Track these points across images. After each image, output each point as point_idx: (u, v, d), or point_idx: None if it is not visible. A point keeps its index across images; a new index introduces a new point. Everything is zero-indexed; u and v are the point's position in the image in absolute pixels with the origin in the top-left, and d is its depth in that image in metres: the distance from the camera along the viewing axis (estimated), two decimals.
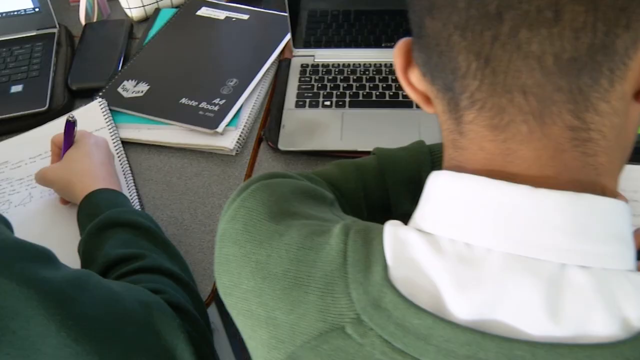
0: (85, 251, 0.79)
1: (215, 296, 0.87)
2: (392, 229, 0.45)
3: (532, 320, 0.39)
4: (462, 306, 0.40)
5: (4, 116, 1.08)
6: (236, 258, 0.50)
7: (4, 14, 1.22)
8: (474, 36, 0.39)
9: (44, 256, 0.61)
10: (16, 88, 1.13)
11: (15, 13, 1.22)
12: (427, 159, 0.82)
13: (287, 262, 0.47)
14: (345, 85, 1.07)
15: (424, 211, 0.46)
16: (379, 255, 0.44)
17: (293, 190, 0.55)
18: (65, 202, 0.95)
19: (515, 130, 0.41)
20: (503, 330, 0.39)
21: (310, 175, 0.80)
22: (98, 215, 0.81)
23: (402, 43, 0.49)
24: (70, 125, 0.91)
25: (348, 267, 0.44)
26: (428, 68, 0.45)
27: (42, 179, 0.93)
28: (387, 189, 0.82)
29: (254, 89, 1.08)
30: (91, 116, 1.07)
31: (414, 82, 0.50)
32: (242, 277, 0.49)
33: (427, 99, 0.49)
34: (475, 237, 0.42)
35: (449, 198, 0.44)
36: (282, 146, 0.99)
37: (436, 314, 0.40)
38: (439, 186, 0.45)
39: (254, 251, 0.49)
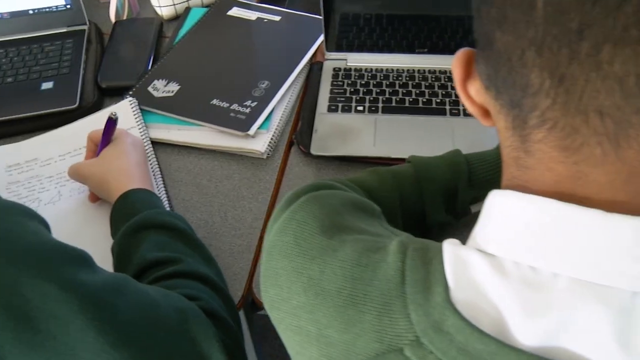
0: (120, 252, 0.79)
1: (244, 302, 0.86)
2: (452, 249, 0.44)
3: (602, 350, 0.38)
4: (527, 332, 0.39)
5: (34, 113, 1.08)
6: (286, 272, 0.49)
7: (35, 11, 1.22)
8: (551, 54, 0.38)
9: (82, 259, 0.60)
10: (47, 85, 1.12)
11: (47, 10, 1.22)
12: (463, 170, 0.81)
13: (342, 279, 0.46)
14: (378, 90, 1.06)
15: (485, 231, 0.45)
16: (439, 276, 0.42)
17: (343, 202, 0.54)
18: (95, 198, 0.94)
19: (588, 153, 0.39)
20: (570, 359, 0.38)
21: (346, 182, 0.79)
22: (133, 215, 0.81)
23: (462, 53, 0.48)
24: (111, 123, 0.91)
25: (406, 287, 0.43)
26: (493, 82, 0.44)
27: (76, 173, 0.93)
28: (423, 198, 0.81)
29: (285, 92, 1.07)
30: (121, 115, 1.05)
31: (472, 95, 0.48)
32: (292, 292, 0.48)
33: (486, 113, 0.48)
34: (542, 261, 0.40)
35: (514, 219, 0.42)
36: (314, 151, 0.98)
37: (500, 339, 0.39)
38: (503, 206, 0.44)
39: (305, 266, 0.48)
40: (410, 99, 1.04)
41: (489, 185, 0.82)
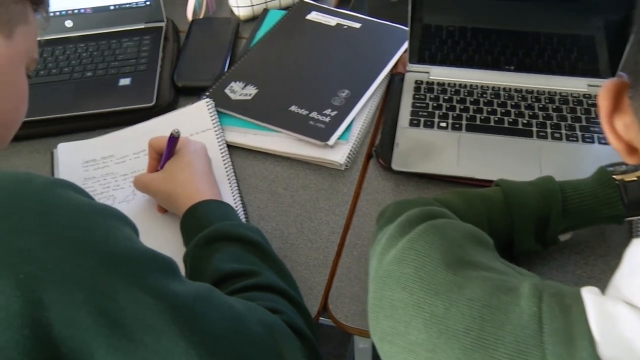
0: (193, 263, 0.77)
1: (319, 317, 0.84)
2: (594, 299, 0.41)
3: None
4: None
5: (111, 109, 1.07)
6: (405, 305, 0.47)
7: (117, 6, 1.21)
8: None
9: (171, 267, 0.58)
10: (124, 81, 1.12)
11: (127, 5, 1.22)
12: (557, 198, 0.78)
13: (470, 319, 0.43)
14: (461, 107, 1.02)
15: (633, 284, 0.41)
16: (583, 328, 0.39)
17: (463, 234, 0.51)
18: (163, 210, 0.93)
19: None
20: None
21: (433, 203, 0.77)
22: (204, 226, 0.79)
23: (612, 84, 0.45)
24: (174, 140, 0.89)
25: (545, 337, 0.40)
26: None
27: (144, 188, 0.92)
28: (512, 225, 0.77)
29: (366, 102, 1.04)
30: (197, 116, 1.05)
31: (619, 129, 0.45)
32: (410, 327, 0.46)
33: (633, 150, 0.45)
34: None
35: None
36: (395, 166, 0.95)
37: None
38: None
39: (428, 301, 0.45)
40: (495, 118, 1.00)
41: (582, 215, 0.78)
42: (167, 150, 0.90)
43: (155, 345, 0.52)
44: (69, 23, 1.22)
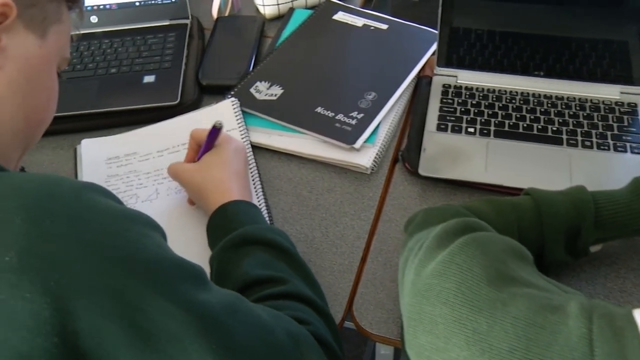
0: (219, 266, 0.76)
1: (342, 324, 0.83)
2: None
3: None
4: None
5: (136, 106, 1.07)
6: (445, 321, 0.45)
7: (142, 2, 1.21)
8: None
9: (200, 276, 0.57)
10: (149, 78, 1.11)
11: (152, 2, 1.21)
12: (590, 209, 0.76)
13: (514, 338, 0.42)
14: (490, 112, 1.01)
15: None
16: (637, 352, 0.38)
17: (504, 248, 0.50)
18: (192, 202, 0.92)
19: None
20: None
21: (463, 211, 0.75)
22: (232, 228, 0.78)
23: None
24: (216, 132, 0.88)
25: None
26: None
27: (176, 176, 0.91)
28: (543, 235, 0.76)
29: (393, 105, 1.03)
30: (222, 115, 1.03)
31: None
32: (451, 343, 0.44)
33: None
34: None
35: None
36: (422, 171, 0.93)
37: None
38: None
39: (470, 318, 0.44)
40: (524, 125, 0.98)
41: (616, 227, 0.77)
42: (207, 142, 0.89)
43: (181, 358, 0.51)
44: (94, 18, 1.21)
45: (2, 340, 0.45)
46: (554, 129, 0.97)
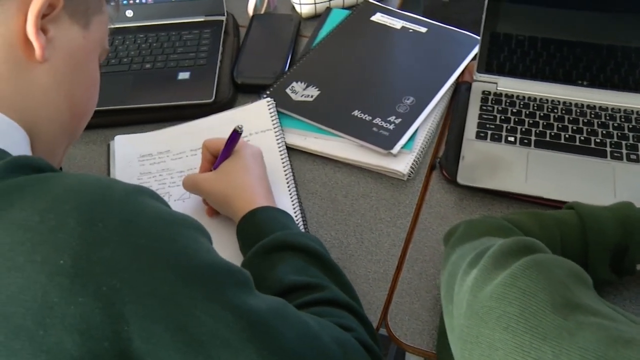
0: (253, 272, 0.75)
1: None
2: None
3: None
4: None
5: (170, 103, 1.06)
6: (506, 347, 0.44)
7: None
8: None
9: (247, 281, 0.56)
10: (183, 75, 1.10)
11: None
12: (637, 227, 0.74)
13: None
14: (531, 121, 0.98)
15: None
16: None
17: (568, 273, 0.48)
18: (212, 213, 0.91)
19: None
20: None
21: (506, 224, 0.74)
22: (264, 234, 0.77)
23: None
24: (236, 136, 0.86)
25: None
26: None
27: (194, 187, 0.89)
28: (587, 252, 0.74)
29: (431, 111, 1.01)
30: (258, 115, 1.02)
31: None
32: None
33: None
34: None
35: None
36: (461, 180, 0.91)
37: None
38: None
39: (534, 346, 0.42)
40: (566, 135, 0.96)
41: None
42: (226, 147, 0.87)
43: None
44: (129, 13, 1.20)
45: (56, 342, 0.44)
46: (598, 140, 0.95)
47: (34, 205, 0.48)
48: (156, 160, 1.00)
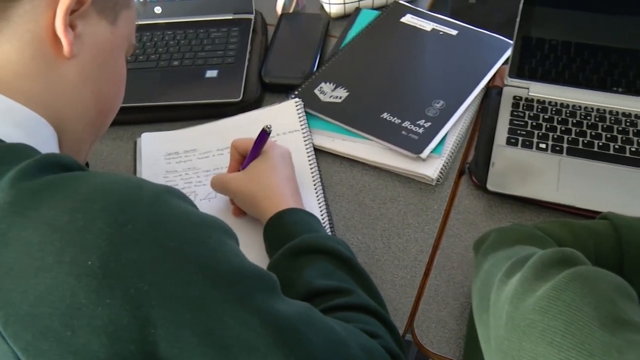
0: (280, 274, 0.74)
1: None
2: None
3: None
4: None
5: (197, 101, 1.05)
6: None
7: None
8: None
9: (274, 285, 0.56)
10: (211, 73, 1.09)
11: None
12: None
13: None
14: (563, 128, 0.97)
15: None
16: None
17: (614, 287, 0.47)
18: (238, 213, 0.90)
19: None
20: None
21: (538, 233, 0.72)
22: (291, 236, 0.76)
23: None
24: (265, 136, 0.85)
25: None
26: None
27: (222, 187, 0.88)
28: (622, 265, 0.72)
29: (461, 116, 0.99)
30: (286, 115, 1.01)
31: None
32: None
33: None
34: None
35: None
36: (491, 186, 0.90)
37: None
38: None
39: None
40: (600, 143, 0.94)
41: None
42: (255, 148, 0.87)
43: None
44: (157, 9, 1.20)
45: (83, 344, 0.44)
46: (633, 149, 0.93)
47: (63, 204, 0.47)
48: (182, 159, 0.99)
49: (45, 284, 0.44)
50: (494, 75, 1.07)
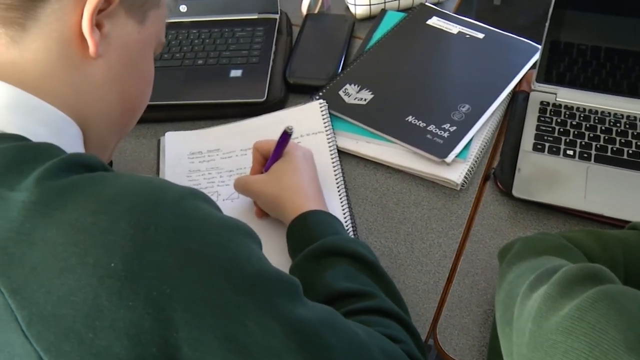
0: (302, 276, 0.73)
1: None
2: None
3: None
4: None
5: (221, 101, 1.05)
6: None
7: None
8: None
9: (296, 289, 0.55)
10: (235, 73, 1.09)
11: None
12: None
13: None
14: (591, 135, 0.95)
15: None
16: None
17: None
18: (261, 214, 0.90)
19: None
20: None
21: (565, 243, 0.71)
22: (314, 238, 0.76)
23: None
24: (286, 137, 0.85)
25: None
26: None
27: (245, 189, 0.88)
28: None
29: (487, 120, 0.98)
30: (310, 117, 1.01)
31: None
32: None
33: None
34: None
35: None
36: (516, 192, 0.89)
37: None
38: None
39: None
40: (630, 151, 0.92)
41: None
42: (277, 149, 0.86)
43: None
44: (183, 8, 1.20)
45: (106, 346, 0.44)
46: None
47: (87, 206, 0.47)
48: (206, 159, 0.99)
49: (68, 285, 0.44)
50: (521, 80, 1.05)
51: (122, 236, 0.46)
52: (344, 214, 0.89)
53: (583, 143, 0.94)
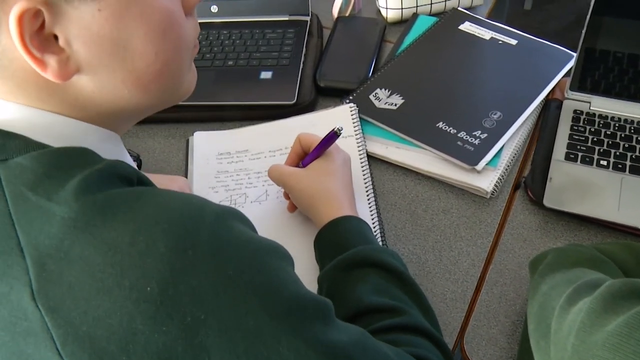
0: (332, 287, 0.73)
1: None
2: None
3: None
4: None
5: (251, 102, 1.05)
6: None
7: None
8: None
9: (328, 312, 0.54)
10: (265, 74, 1.09)
11: None
12: None
13: None
14: (626, 145, 0.93)
15: None
16: None
17: None
18: (293, 209, 0.89)
19: None
20: None
21: (599, 255, 0.70)
22: (344, 246, 0.75)
23: None
24: (334, 137, 0.84)
25: None
26: None
27: (280, 179, 0.87)
28: None
29: (518, 128, 0.97)
30: (340, 120, 1.00)
31: None
32: None
33: None
34: None
35: None
36: (547, 202, 0.87)
37: None
38: None
39: None
40: None
41: None
42: (320, 147, 0.85)
43: None
44: (214, 8, 1.20)
45: None
46: None
47: (125, 226, 0.46)
48: (234, 159, 0.99)
49: (104, 306, 0.44)
50: (554, 88, 1.04)
51: (160, 259, 0.45)
52: (373, 219, 0.89)
53: (617, 153, 0.92)
